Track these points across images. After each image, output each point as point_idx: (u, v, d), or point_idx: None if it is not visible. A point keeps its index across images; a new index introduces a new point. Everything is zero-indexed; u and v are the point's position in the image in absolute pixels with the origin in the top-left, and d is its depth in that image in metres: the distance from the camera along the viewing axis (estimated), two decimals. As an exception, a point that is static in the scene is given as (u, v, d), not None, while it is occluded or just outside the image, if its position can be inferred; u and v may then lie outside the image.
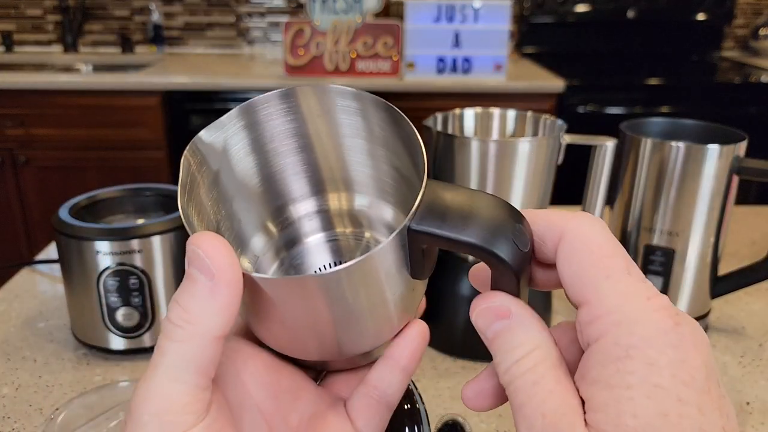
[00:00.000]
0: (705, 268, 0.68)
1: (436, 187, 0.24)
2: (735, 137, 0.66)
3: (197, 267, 0.22)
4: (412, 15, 1.99)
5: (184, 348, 0.22)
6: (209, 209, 0.28)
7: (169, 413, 0.22)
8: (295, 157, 0.30)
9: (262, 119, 0.28)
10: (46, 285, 0.81)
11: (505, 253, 0.23)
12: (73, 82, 1.96)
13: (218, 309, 0.22)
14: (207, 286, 0.22)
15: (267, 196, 0.31)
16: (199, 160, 0.27)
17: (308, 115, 0.29)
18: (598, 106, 2.03)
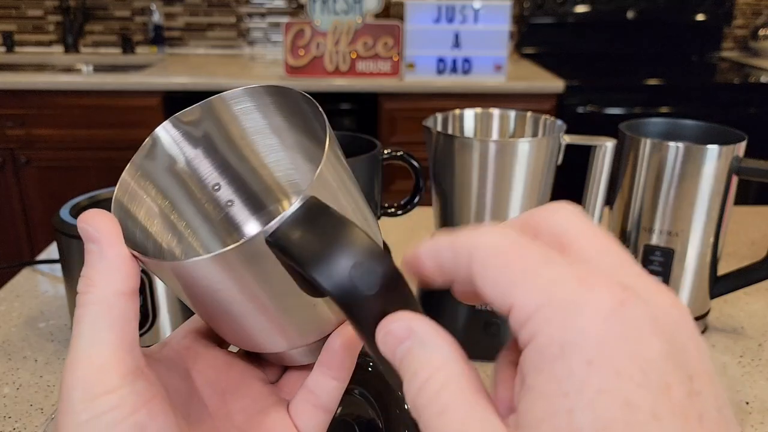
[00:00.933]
0: (704, 268, 0.69)
1: (314, 203, 0.22)
2: (734, 137, 0.66)
3: (86, 238, 0.24)
4: (412, 15, 1.99)
5: (93, 309, 0.23)
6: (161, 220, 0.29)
7: (92, 375, 0.23)
8: (226, 174, 0.30)
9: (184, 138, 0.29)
10: (47, 285, 0.81)
11: (339, 296, 0.21)
12: (73, 83, 1.96)
13: (111, 266, 0.24)
14: (96, 250, 0.24)
15: (219, 215, 0.31)
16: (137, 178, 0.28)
17: (224, 126, 0.29)
18: (598, 107, 2.03)
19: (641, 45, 2.53)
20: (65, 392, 0.23)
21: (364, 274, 0.21)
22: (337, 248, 0.21)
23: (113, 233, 0.24)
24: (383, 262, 0.21)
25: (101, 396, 0.22)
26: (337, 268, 0.21)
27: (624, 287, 0.17)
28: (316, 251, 0.21)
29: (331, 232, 0.21)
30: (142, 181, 0.28)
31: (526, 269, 0.18)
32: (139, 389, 0.23)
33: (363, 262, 0.21)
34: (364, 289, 0.21)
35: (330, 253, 0.21)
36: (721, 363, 0.67)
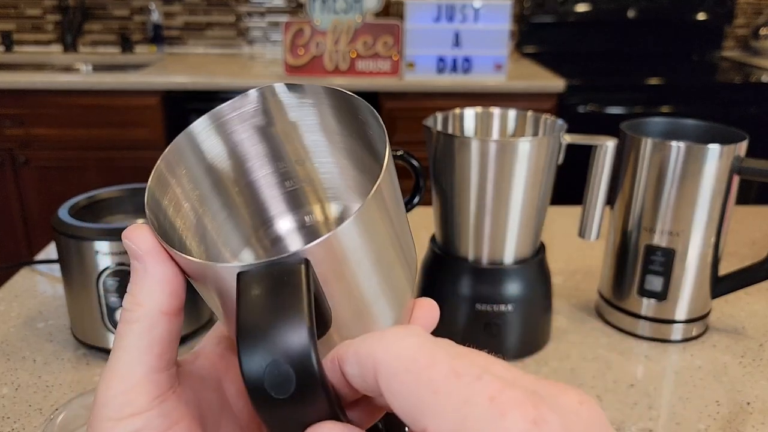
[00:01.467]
0: (705, 268, 0.68)
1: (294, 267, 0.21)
2: (735, 137, 0.66)
3: (131, 255, 0.24)
4: (412, 15, 1.99)
5: (137, 327, 0.23)
6: (190, 216, 0.28)
7: (123, 394, 0.23)
8: (269, 165, 0.30)
9: (232, 124, 0.28)
10: (45, 285, 0.81)
11: (250, 391, 0.20)
12: (72, 82, 1.95)
13: (157, 286, 0.24)
14: (141, 269, 0.24)
15: (248, 208, 0.30)
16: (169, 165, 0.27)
17: (275, 116, 0.28)
18: (599, 106, 2.03)
19: (642, 44, 2.53)
20: (97, 406, 0.23)
21: (277, 377, 0.20)
22: (269, 334, 0.20)
23: (157, 250, 0.24)
24: (302, 366, 0.20)
25: (128, 417, 0.23)
26: (257, 358, 0.20)
27: (536, 401, 0.17)
28: (255, 323, 0.20)
29: (279, 310, 0.20)
30: (176, 170, 0.27)
31: (437, 389, 0.18)
32: (167, 410, 0.24)
33: (278, 362, 0.20)
34: (273, 392, 0.20)
35: (263, 335, 0.20)
36: (722, 363, 0.67)
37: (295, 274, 0.21)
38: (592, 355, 0.68)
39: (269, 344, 0.20)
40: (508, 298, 0.64)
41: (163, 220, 0.26)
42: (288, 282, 0.21)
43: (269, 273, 0.21)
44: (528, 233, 0.65)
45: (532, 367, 0.66)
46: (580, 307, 0.78)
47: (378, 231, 0.23)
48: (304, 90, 0.27)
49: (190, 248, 0.27)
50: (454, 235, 0.66)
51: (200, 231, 0.28)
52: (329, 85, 0.28)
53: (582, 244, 0.93)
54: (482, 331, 0.65)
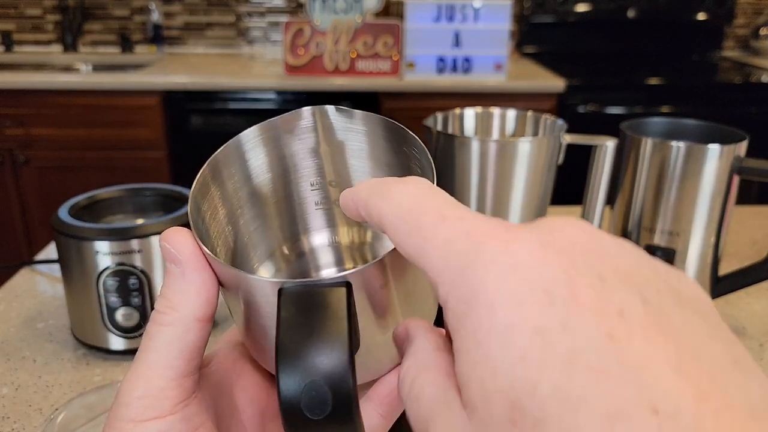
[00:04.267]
0: (706, 268, 0.68)
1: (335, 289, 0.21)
2: (735, 137, 0.66)
3: (168, 259, 0.24)
4: (412, 15, 1.99)
5: (169, 331, 0.23)
6: (223, 223, 0.28)
7: (148, 397, 0.23)
8: (308, 182, 0.30)
9: (281, 138, 0.29)
10: (45, 285, 0.81)
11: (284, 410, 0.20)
12: (72, 82, 1.95)
13: (194, 292, 0.23)
14: (179, 273, 0.24)
15: (280, 220, 0.31)
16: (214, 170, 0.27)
17: (322, 136, 0.29)
18: (599, 106, 2.03)
19: (642, 44, 2.53)
20: (119, 405, 0.23)
21: (314, 397, 0.20)
22: (310, 354, 0.20)
23: (195, 255, 0.24)
24: (340, 388, 0.20)
25: (151, 420, 0.23)
26: (296, 377, 0.20)
27: (506, 228, 0.17)
28: (296, 342, 0.20)
29: (322, 331, 0.20)
30: (220, 176, 0.27)
31: (425, 234, 0.18)
32: (189, 415, 0.24)
33: (317, 383, 0.20)
34: (308, 412, 0.20)
35: (303, 355, 0.20)
36: (722, 363, 0.67)
37: (336, 296, 0.21)
38: (592, 355, 0.68)
39: (308, 364, 0.20)
40: (508, 298, 0.64)
41: (201, 226, 0.26)
42: (329, 304, 0.21)
43: (311, 293, 0.21)
44: (528, 233, 0.65)
45: (532, 367, 0.66)
46: (580, 307, 0.77)
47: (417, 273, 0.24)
48: (354, 115, 0.28)
49: (219, 255, 0.28)
50: (454, 235, 0.66)
51: (231, 238, 0.29)
52: (331, 86, 0.28)
53: (582, 244, 0.93)
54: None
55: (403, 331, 0.22)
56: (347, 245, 0.32)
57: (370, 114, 0.28)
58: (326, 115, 0.28)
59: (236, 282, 0.23)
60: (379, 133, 0.28)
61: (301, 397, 0.20)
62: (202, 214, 0.26)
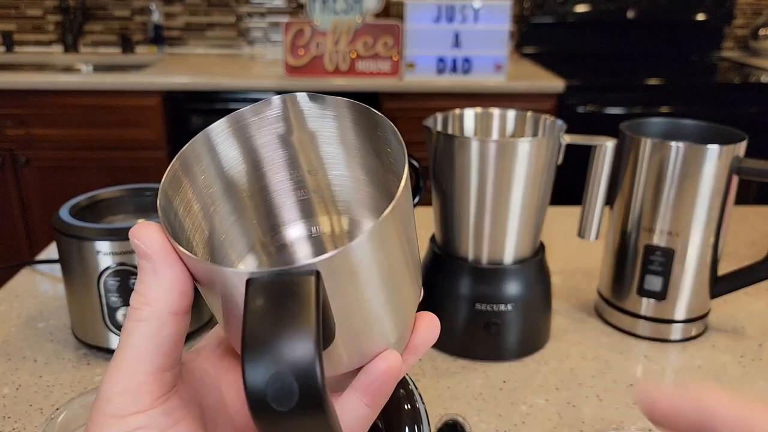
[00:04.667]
0: (705, 268, 0.68)
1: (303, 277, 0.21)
2: (735, 137, 0.66)
3: (139, 254, 0.24)
4: (412, 15, 1.99)
5: (145, 326, 0.23)
6: (199, 217, 0.28)
7: (129, 392, 0.23)
8: (283, 172, 0.30)
9: (251, 129, 0.28)
10: (46, 285, 0.81)
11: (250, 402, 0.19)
12: (73, 82, 1.96)
13: (166, 286, 0.23)
14: (150, 268, 0.24)
15: (257, 213, 0.30)
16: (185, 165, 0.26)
17: (295, 125, 0.28)
18: (598, 106, 2.03)
19: (641, 45, 2.53)
20: (100, 401, 0.23)
21: (280, 389, 0.19)
22: (275, 344, 0.20)
23: (165, 250, 0.23)
24: (306, 379, 0.19)
25: (132, 414, 0.23)
26: (261, 369, 0.19)
27: None
28: (261, 332, 0.20)
29: (287, 321, 0.20)
30: (191, 170, 0.27)
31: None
32: (170, 409, 0.24)
33: (283, 374, 0.19)
34: (275, 404, 0.19)
35: (269, 345, 0.20)
36: (721, 363, 0.67)
37: (305, 285, 0.20)
38: (592, 355, 0.68)
39: (274, 355, 0.20)
40: (508, 297, 0.65)
41: (173, 219, 0.26)
42: (297, 293, 0.20)
43: (279, 282, 0.21)
44: (528, 233, 0.65)
45: (531, 366, 0.66)
46: (580, 306, 0.78)
47: (390, 249, 0.23)
48: (326, 101, 0.27)
49: (197, 250, 0.27)
50: (454, 235, 0.66)
51: (208, 233, 0.28)
52: (332, 87, 0.27)
53: (581, 244, 0.93)
54: (482, 330, 0.65)
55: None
56: (329, 234, 0.32)
57: (340, 99, 0.27)
58: (297, 103, 0.28)
59: (207, 275, 0.23)
60: (350, 118, 0.27)
61: (267, 389, 0.19)
62: (175, 207, 0.26)
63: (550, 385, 0.63)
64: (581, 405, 0.60)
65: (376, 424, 0.43)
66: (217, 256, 0.29)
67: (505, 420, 0.58)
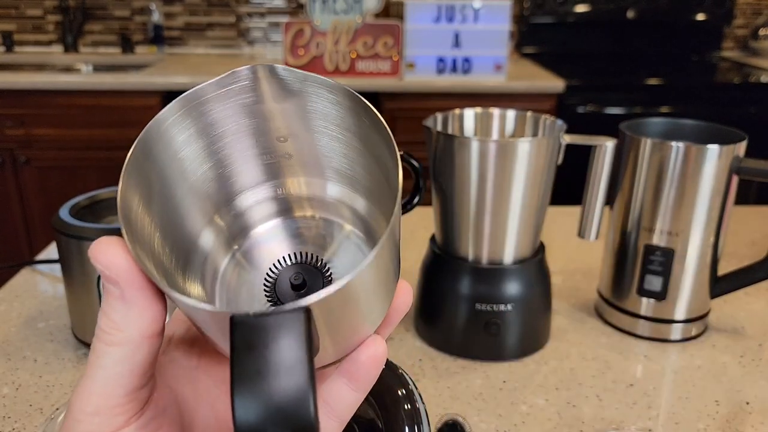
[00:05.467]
0: (705, 268, 0.68)
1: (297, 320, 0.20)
2: (735, 137, 0.66)
3: (104, 277, 0.22)
4: (412, 15, 1.99)
5: (117, 351, 0.22)
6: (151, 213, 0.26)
7: (101, 414, 0.22)
8: (250, 140, 0.28)
9: (211, 103, 0.26)
10: (46, 285, 0.81)
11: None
12: (73, 82, 1.96)
13: (136, 313, 0.22)
14: (118, 294, 0.22)
15: (215, 185, 0.28)
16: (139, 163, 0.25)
17: (270, 93, 0.27)
18: (598, 106, 2.03)
19: (641, 45, 2.53)
20: (70, 421, 0.22)
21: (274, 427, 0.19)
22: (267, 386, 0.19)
23: (132, 273, 0.21)
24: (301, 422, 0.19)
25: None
26: (253, 409, 0.19)
27: None
28: (253, 373, 0.19)
29: (279, 363, 0.20)
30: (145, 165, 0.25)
31: None
32: (146, 422, 0.23)
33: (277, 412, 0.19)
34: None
35: (260, 387, 0.19)
36: (721, 363, 0.67)
37: (295, 325, 0.20)
38: (592, 355, 0.68)
39: (267, 396, 0.19)
40: (508, 297, 0.65)
41: (134, 219, 0.24)
42: (288, 334, 0.20)
43: (267, 324, 0.20)
44: (528, 233, 0.65)
45: (531, 366, 0.66)
46: (580, 306, 0.78)
47: (383, 268, 0.23)
48: (307, 77, 0.26)
49: (156, 241, 0.26)
50: (454, 235, 0.66)
51: (167, 219, 0.27)
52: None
53: (581, 244, 0.93)
54: (482, 330, 0.65)
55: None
56: (296, 195, 0.30)
57: (345, 87, 0.26)
58: (274, 73, 0.26)
59: (188, 312, 0.22)
60: (328, 96, 0.26)
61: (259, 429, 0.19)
62: (134, 209, 0.24)
63: (550, 385, 0.63)
64: (581, 405, 0.60)
65: (376, 424, 0.43)
66: (175, 237, 0.27)
67: (505, 420, 0.58)
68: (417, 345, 0.69)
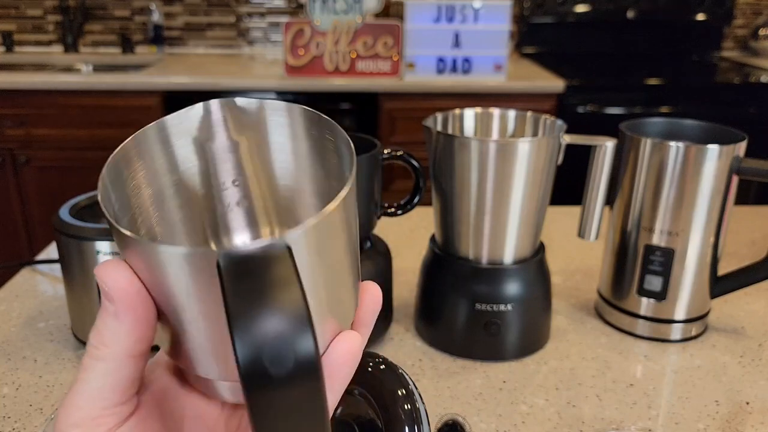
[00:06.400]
0: (705, 268, 0.68)
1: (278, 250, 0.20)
2: (735, 137, 0.66)
3: (103, 293, 0.23)
4: (412, 15, 1.99)
5: (102, 366, 0.23)
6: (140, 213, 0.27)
7: (82, 426, 0.23)
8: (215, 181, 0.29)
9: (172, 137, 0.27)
10: (46, 285, 0.81)
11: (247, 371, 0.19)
12: (73, 83, 1.96)
13: (125, 332, 0.23)
14: (112, 311, 0.23)
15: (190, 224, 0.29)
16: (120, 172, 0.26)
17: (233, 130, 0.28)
18: (598, 106, 2.03)
19: (641, 45, 2.53)
20: (57, 430, 0.24)
21: (274, 352, 0.19)
22: (263, 313, 0.20)
23: (128, 292, 0.23)
24: (302, 342, 0.20)
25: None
26: (253, 337, 0.19)
27: None
28: (248, 303, 0.20)
29: (272, 287, 0.20)
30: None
31: None
32: (128, 431, 0.24)
33: (277, 338, 0.19)
34: (271, 368, 0.19)
35: (258, 315, 0.20)
36: (721, 363, 0.67)
37: (282, 256, 0.20)
38: (592, 355, 0.68)
39: (265, 322, 0.20)
40: (508, 297, 0.65)
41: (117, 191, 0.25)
42: (276, 263, 0.20)
43: (253, 256, 0.20)
44: (527, 233, 0.65)
45: (531, 366, 0.66)
46: (580, 306, 0.78)
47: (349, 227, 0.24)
48: (285, 108, 0.27)
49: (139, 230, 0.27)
50: (454, 235, 0.66)
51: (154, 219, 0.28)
52: (332, 87, 0.27)
53: (581, 244, 0.93)
54: (482, 330, 0.65)
55: None
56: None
57: (293, 105, 0.26)
58: (232, 108, 0.27)
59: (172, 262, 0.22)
60: (300, 123, 0.27)
61: (261, 355, 0.19)
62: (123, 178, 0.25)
63: (550, 385, 0.63)
64: (581, 405, 0.60)
65: (375, 424, 0.43)
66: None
67: (505, 420, 0.58)
68: (417, 345, 0.69)
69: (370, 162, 0.63)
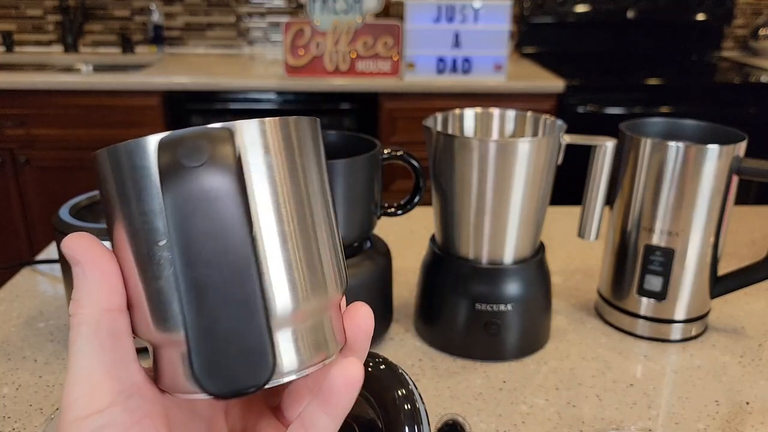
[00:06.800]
0: (705, 268, 0.69)
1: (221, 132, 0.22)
2: (735, 137, 0.66)
3: (70, 261, 0.24)
4: (412, 15, 1.99)
5: (84, 329, 0.24)
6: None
7: (85, 395, 0.23)
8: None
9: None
10: (46, 285, 0.81)
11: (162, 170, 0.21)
12: (73, 83, 1.96)
13: (95, 285, 0.24)
14: (80, 272, 0.24)
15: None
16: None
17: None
18: (598, 106, 2.03)
19: (641, 45, 2.53)
20: (63, 410, 0.24)
21: (192, 147, 0.21)
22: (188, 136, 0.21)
23: (94, 252, 0.24)
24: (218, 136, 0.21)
25: (92, 415, 0.23)
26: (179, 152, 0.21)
27: None
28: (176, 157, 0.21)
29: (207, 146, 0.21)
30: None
31: None
32: (132, 407, 0.24)
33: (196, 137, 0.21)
34: (184, 160, 0.20)
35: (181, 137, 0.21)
36: (721, 363, 0.67)
37: (223, 135, 0.21)
38: (592, 355, 0.68)
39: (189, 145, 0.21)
40: (508, 297, 0.65)
41: None
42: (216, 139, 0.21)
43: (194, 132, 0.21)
44: (528, 233, 0.65)
45: (531, 366, 0.66)
46: (580, 306, 0.78)
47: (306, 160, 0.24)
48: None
49: None
50: (454, 235, 0.66)
51: None
52: (332, 87, 0.27)
53: (581, 244, 0.93)
54: (482, 330, 0.65)
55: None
56: None
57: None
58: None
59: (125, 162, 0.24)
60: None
61: (177, 153, 0.20)
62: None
63: (550, 385, 0.63)
64: (581, 405, 0.60)
65: (375, 424, 0.43)
66: None
67: (505, 420, 0.58)
68: (417, 345, 0.69)
69: (370, 162, 0.63)
